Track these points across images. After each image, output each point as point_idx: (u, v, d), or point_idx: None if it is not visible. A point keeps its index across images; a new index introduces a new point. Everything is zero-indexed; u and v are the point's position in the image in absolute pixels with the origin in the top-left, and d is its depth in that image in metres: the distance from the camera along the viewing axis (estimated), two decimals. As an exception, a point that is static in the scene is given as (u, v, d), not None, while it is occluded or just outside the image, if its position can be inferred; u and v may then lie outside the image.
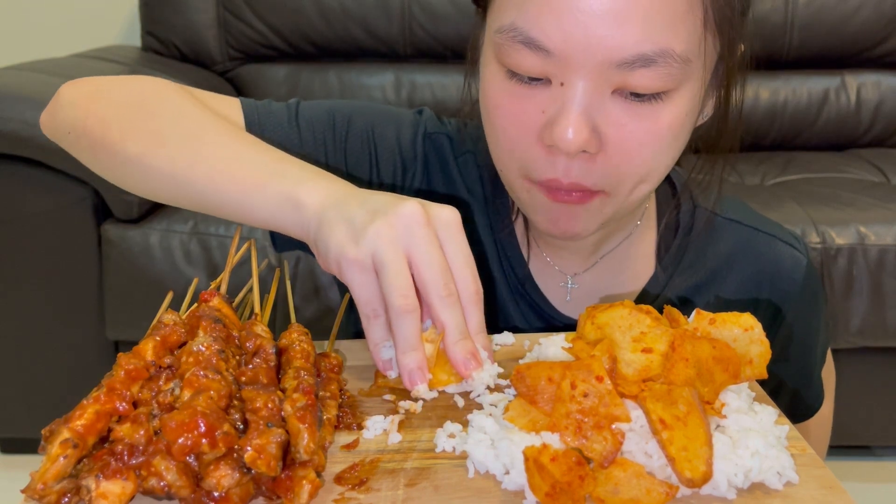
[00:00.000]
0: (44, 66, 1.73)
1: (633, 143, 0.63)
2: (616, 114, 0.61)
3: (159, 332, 0.54)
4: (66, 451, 0.44)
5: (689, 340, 0.52)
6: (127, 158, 0.66)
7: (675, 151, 0.67)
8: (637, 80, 0.60)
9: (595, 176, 0.64)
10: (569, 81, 0.61)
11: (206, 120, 0.67)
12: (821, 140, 2.14)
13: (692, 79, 0.63)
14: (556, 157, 0.63)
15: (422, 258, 0.54)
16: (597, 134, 0.62)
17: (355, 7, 2.06)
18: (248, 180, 0.61)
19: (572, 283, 0.81)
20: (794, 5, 2.05)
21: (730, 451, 0.48)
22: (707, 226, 0.81)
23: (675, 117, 0.63)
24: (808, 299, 0.83)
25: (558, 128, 0.61)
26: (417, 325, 0.55)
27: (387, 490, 0.48)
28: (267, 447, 0.45)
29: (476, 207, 0.81)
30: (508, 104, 0.64)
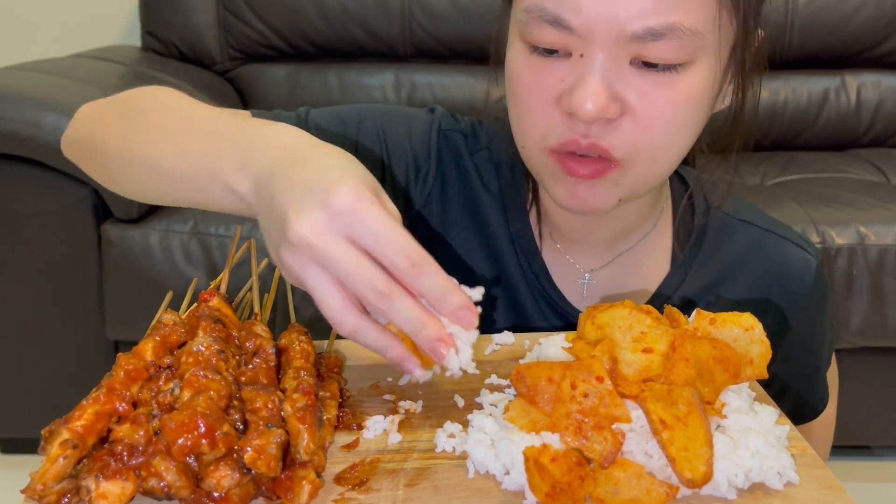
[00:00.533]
0: (44, 66, 1.73)
1: (653, 110, 0.64)
2: (635, 82, 0.64)
3: (159, 332, 0.53)
4: (65, 451, 0.44)
5: (689, 340, 0.52)
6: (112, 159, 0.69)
7: (691, 129, 0.68)
8: (651, 52, 0.62)
9: (613, 139, 0.65)
10: (588, 52, 0.63)
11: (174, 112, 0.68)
12: (821, 140, 2.13)
13: (707, 52, 0.65)
14: (576, 124, 0.65)
15: (339, 273, 0.49)
16: (616, 101, 0.64)
17: (355, 7, 2.06)
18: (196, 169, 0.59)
19: (589, 279, 0.81)
20: (794, 5, 2.05)
21: (730, 452, 0.48)
22: (721, 226, 0.82)
23: (693, 89, 0.65)
24: (816, 301, 0.84)
25: (577, 93, 0.63)
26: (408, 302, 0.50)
27: (387, 490, 0.48)
28: (267, 448, 0.45)
29: (491, 203, 0.82)
30: (530, 75, 0.67)
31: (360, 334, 0.50)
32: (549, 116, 0.66)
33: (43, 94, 1.54)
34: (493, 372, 0.62)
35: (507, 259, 0.81)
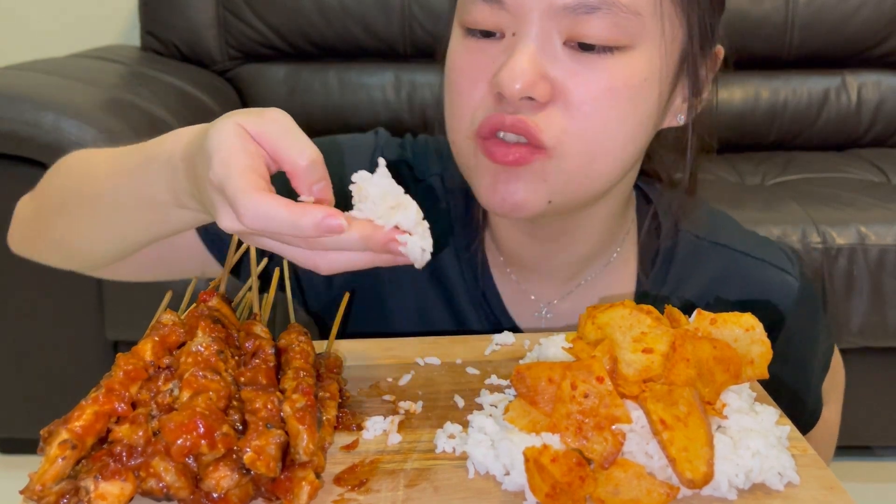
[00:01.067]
0: (44, 66, 1.73)
1: (587, 96, 0.60)
2: (568, 63, 0.60)
3: (158, 332, 0.53)
4: (64, 451, 0.44)
5: (689, 340, 0.51)
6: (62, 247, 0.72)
7: (630, 126, 0.63)
8: (585, 29, 0.59)
9: (541, 121, 0.61)
10: (520, 31, 0.61)
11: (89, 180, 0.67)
12: (821, 140, 2.13)
13: (648, 40, 0.61)
14: (504, 106, 0.61)
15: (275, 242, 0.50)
16: (546, 81, 0.60)
17: (355, 7, 2.06)
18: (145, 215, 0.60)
19: (547, 312, 0.77)
20: (794, 5, 2.05)
21: (731, 452, 0.48)
22: (691, 251, 0.77)
23: (631, 77, 0.61)
24: (800, 324, 0.79)
25: (504, 70, 0.59)
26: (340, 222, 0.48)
27: (386, 491, 0.48)
28: (266, 448, 0.45)
29: (440, 236, 0.74)
30: (463, 60, 0.64)
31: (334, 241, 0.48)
32: (480, 101, 0.63)
33: (42, 93, 1.54)
34: (493, 372, 0.62)
35: (458, 293, 0.77)
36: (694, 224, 0.78)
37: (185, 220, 0.59)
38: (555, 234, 0.73)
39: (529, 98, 0.60)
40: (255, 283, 0.62)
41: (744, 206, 1.65)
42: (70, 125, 1.46)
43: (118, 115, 1.57)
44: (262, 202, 0.47)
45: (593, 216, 0.72)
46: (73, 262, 0.76)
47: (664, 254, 0.77)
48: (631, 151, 0.65)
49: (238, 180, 0.48)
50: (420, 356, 0.64)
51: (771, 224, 1.58)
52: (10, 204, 0.74)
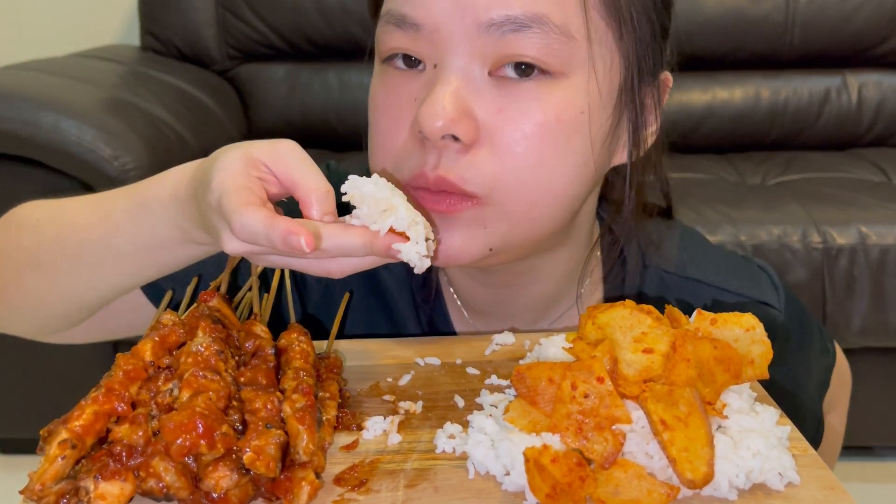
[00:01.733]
0: (43, 66, 1.73)
1: (515, 134, 0.55)
2: (494, 97, 0.55)
3: (158, 332, 0.53)
4: (64, 451, 0.44)
5: (690, 341, 0.51)
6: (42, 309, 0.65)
7: (568, 164, 0.57)
8: (513, 51, 0.54)
9: (468, 171, 0.55)
10: (441, 61, 0.55)
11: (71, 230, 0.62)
12: (822, 140, 2.13)
13: (582, 69, 0.56)
14: (428, 151, 0.56)
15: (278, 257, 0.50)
16: (471, 120, 0.55)
17: (355, 6, 2.06)
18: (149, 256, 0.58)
19: None
20: (795, 4, 2.05)
21: (731, 452, 0.48)
22: (661, 288, 0.72)
23: (564, 110, 0.55)
24: (789, 357, 0.74)
25: (425, 107, 0.54)
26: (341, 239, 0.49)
27: (386, 491, 0.48)
28: (266, 448, 0.45)
29: (397, 285, 0.73)
30: (383, 96, 0.59)
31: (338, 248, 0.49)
32: (402, 145, 0.58)
33: (42, 93, 1.54)
34: (493, 372, 0.62)
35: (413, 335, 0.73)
36: (662, 257, 0.73)
37: (193, 254, 0.58)
38: (507, 281, 0.69)
39: (454, 138, 0.55)
40: (256, 283, 0.62)
41: (744, 206, 1.65)
42: (70, 125, 1.46)
43: (118, 114, 1.57)
44: (248, 215, 0.47)
45: (548, 260, 0.68)
46: (34, 322, 0.68)
47: (632, 295, 0.72)
48: (575, 191, 0.60)
49: (231, 197, 0.48)
50: (420, 356, 0.64)
51: (771, 224, 1.58)
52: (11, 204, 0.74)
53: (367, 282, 0.74)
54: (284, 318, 0.68)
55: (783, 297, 0.75)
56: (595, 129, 0.58)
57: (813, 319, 0.81)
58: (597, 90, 0.57)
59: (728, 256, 0.79)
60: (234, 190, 0.48)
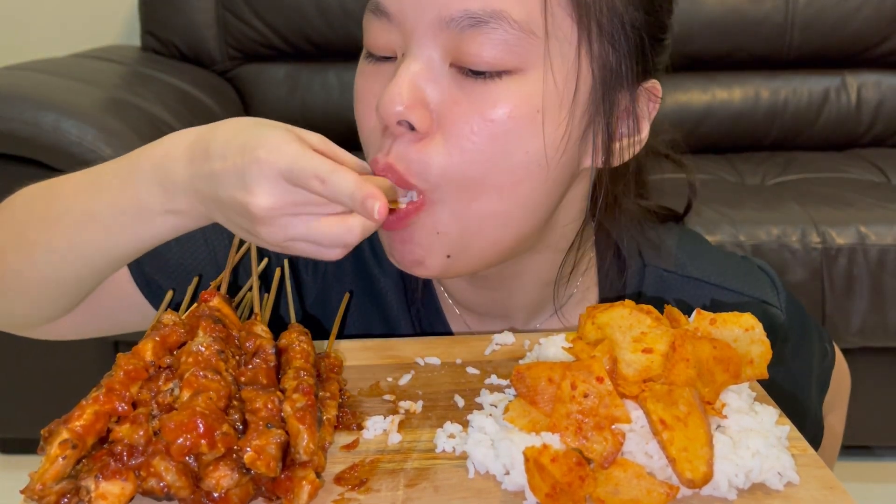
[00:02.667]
0: (43, 66, 1.73)
1: (466, 127, 0.55)
2: (450, 88, 0.55)
3: (159, 332, 0.53)
4: (65, 451, 0.44)
5: (689, 340, 0.51)
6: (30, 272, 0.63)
7: (523, 158, 0.56)
8: (471, 47, 0.54)
9: (415, 161, 0.56)
10: (407, 51, 0.57)
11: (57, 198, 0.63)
12: (821, 140, 2.13)
13: (539, 65, 0.56)
14: (385, 138, 0.57)
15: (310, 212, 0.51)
16: (426, 110, 0.55)
17: (355, 7, 2.06)
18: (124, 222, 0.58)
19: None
20: (794, 5, 2.05)
21: (730, 452, 0.48)
22: (660, 288, 0.72)
23: (518, 107, 0.55)
24: (791, 356, 0.74)
25: (384, 92, 0.55)
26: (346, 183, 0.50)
27: (387, 490, 0.48)
28: (266, 448, 0.45)
29: (391, 287, 0.73)
30: (362, 86, 0.61)
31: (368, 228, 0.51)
32: (369, 130, 0.59)
33: (42, 93, 1.54)
34: (493, 372, 0.62)
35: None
36: (662, 257, 0.72)
37: (169, 227, 0.57)
38: (495, 283, 0.69)
39: (410, 127, 0.55)
40: (256, 283, 0.62)
41: (744, 206, 1.65)
42: (70, 125, 1.46)
43: (118, 115, 1.57)
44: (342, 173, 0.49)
45: (534, 262, 0.67)
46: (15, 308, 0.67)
47: (631, 294, 0.71)
48: (527, 192, 0.58)
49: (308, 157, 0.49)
50: (420, 356, 0.64)
51: (771, 224, 1.58)
52: (10, 204, 0.74)
53: (361, 280, 0.74)
54: (284, 318, 0.69)
55: (783, 297, 0.75)
56: (551, 128, 0.57)
57: (812, 321, 0.81)
58: (554, 88, 0.56)
59: (728, 256, 0.79)
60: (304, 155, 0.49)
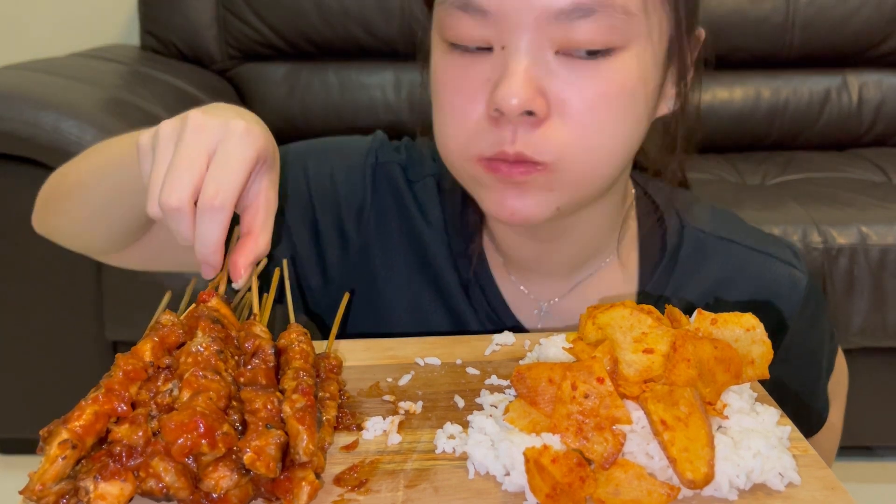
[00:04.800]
0: (44, 66, 1.73)
1: (584, 105, 0.60)
2: (562, 73, 0.59)
3: (157, 332, 0.53)
4: (64, 451, 0.44)
5: (690, 341, 0.51)
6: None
7: (629, 126, 0.63)
8: (579, 34, 0.58)
9: (542, 144, 0.60)
10: (509, 43, 0.59)
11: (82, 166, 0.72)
12: (822, 140, 2.13)
13: (639, 38, 0.61)
14: (503, 128, 0.60)
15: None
16: (543, 96, 0.59)
17: (355, 7, 2.06)
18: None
19: (546, 311, 0.77)
20: (795, 4, 2.05)
21: (731, 452, 0.48)
22: (697, 247, 0.76)
23: (626, 78, 0.60)
24: (807, 319, 0.79)
25: (501, 88, 0.58)
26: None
27: (386, 491, 0.48)
28: (266, 449, 0.45)
29: (433, 235, 0.77)
30: (452, 77, 0.63)
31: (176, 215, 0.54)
32: (476, 122, 0.62)
33: (42, 93, 1.54)
34: (493, 372, 0.62)
35: (453, 295, 0.77)
36: (697, 219, 0.78)
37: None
38: (554, 234, 0.73)
39: (528, 113, 0.59)
40: (255, 282, 0.62)
41: (744, 206, 1.65)
42: (70, 125, 1.46)
43: (118, 114, 1.57)
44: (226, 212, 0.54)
45: (589, 215, 0.71)
46: (76, 247, 0.79)
47: (670, 251, 0.76)
48: (630, 149, 0.65)
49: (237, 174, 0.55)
50: (420, 356, 0.64)
51: (771, 224, 1.58)
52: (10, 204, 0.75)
53: (406, 233, 0.78)
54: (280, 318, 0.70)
55: (804, 264, 0.79)
56: (649, 90, 0.64)
57: (824, 296, 0.84)
58: (652, 56, 0.63)
59: (753, 227, 0.83)
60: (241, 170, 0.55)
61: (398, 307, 0.78)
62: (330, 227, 0.77)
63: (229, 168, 0.54)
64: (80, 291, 1.62)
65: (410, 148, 0.81)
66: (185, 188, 0.53)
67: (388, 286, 0.78)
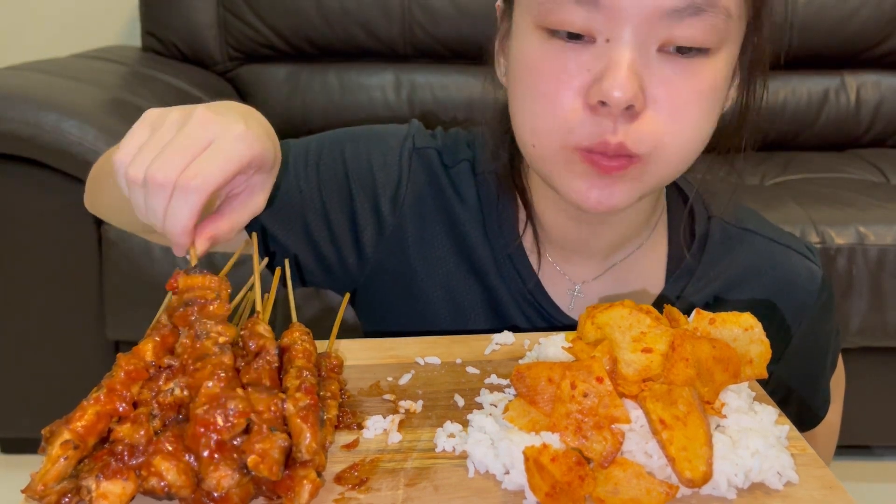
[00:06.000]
0: (44, 66, 1.73)
1: (679, 101, 0.62)
2: (663, 70, 0.61)
3: (158, 332, 0.53)
4: (66, 452, 0.44)
5: (688, 340, 0.52)
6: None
7: (711, 122, 0.66)
8: (683, 32, 0.60)
9: (640, 137, 0.62)
10: (615, 36, 0.60)
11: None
12: (821, 140, 2.13)
13: (732, 39, 0.63)
14: (602, 118, 0.61)
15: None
16: (643, 93, 0.61)
17: (355, 7, 2.06)
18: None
19: (579, 292, 0.79)
20: (793, 5, 2.05)
21: (730, 451, 0.48)
22: (723, 236, 0.80)
23: (716, 78, 0.63)
24: (821, 311, 0.82)
25: (607, 81, 0.59)
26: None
27: (387, 490, 0.48)
28: (270, 452, 0.45)
29: (470, 218, 0.79)
30: (549, 64, 0.63)
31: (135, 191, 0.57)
32: (573, 111, 0.62)
33: (43, 94, 1.54)
34: (493, 372, 0.62)
35: (489, 275, 0.78)
36: (722, 211, 0.81)
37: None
38: (602, 218, 0.74)
39: (628, 106, 0.60)
40: (258, 279, 0.62)
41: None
42: (71, 126, 1.47)
43: (119, 115, 1.57)
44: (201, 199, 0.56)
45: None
46: (120, 225, 0.83)
47: (699, 239, 0.79)
48: (707, 140, 0.67)
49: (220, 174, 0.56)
50: (420, 355, 0.64)
51: (770, 224, 1.58)
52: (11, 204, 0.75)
53: (440, 211, 0.80)
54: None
55: (819, 261, 0.82)
56: (728, 86, 0.67)
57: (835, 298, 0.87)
58: (736, 57, 0.65)
59: (772, 222, 0.86)
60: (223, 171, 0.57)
61: (432, 284, 0.80)
62: (367, 209, 0.79)
63: (217, 160, 0.56)
64: (82, 291, 1.62)
65: (445, 136, 0.83)
66: (174, 168, 0.55)
67: (423, 265, 0.79)
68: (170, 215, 0.56)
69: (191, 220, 0.56)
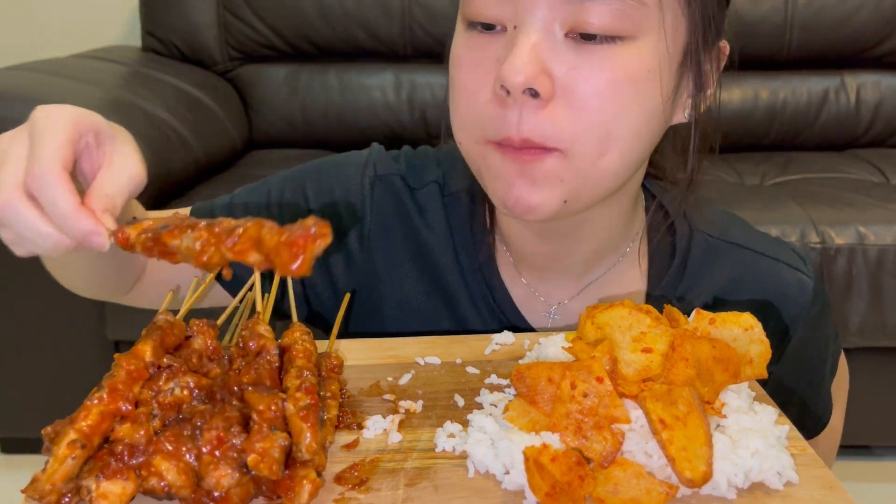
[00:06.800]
0: (44, 66, 1.73)
1: (590, 90, 0.60)
2: (569, 56, 0.59)
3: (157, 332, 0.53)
4: (73, 451, 0.44)
5: (689, 340, 0.52)
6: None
7: (637, 120, 0.62)
8: (590, 17, 0.58)
9: (548, 128, 0.60)
10: (521, 22, 0.59)
11: None
12: (820, 140, 2.14)
13: (650, 32, 0.61)
14: (509, 110, 0.60)
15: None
16: (547, 76, 0.59)
17: (355, 7, 2.06)
18: None
19: (556, 313, 0.77)
20: (793, 5, 2.05)
21: (730, 451, 0.48)
22: (706, 251, 0.77)
23: (634, 68, 0.60)
24: (814, 323, 0.79)
25: (506, 63, 0.58)
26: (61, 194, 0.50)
27: (387, 490, 0.48)
28: (270, 451, 0.45)
29: (439, 243, 0.77)
30: (466, 56, 0.63)
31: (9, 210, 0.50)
32: (485, 104, 0.61)
33: (44, 94, 1.54)
34: (493, 372, 0.62)
35: (461, 295, 0.77)
36: (705, 223, 0.78)
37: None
38: (565, 232, 0.73)
39: (533, 93, 0.59)
40: (258, 281, 0.62)
41: (743, 206, 1.65)
42: (70, 125, 1.46)
43: (119, 115, 1.56)
44: (60, 189, 0.48)
45: (603, 212, 0.71)
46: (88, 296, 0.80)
47: (679, 255, 0.76)
48: (640, 147, 0.64)
49: (51, 149, 0.49)
50: (420, 356, 0.64)
51: (770, 224, 1.58)
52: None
53: (407, 237, 0.77)
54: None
55: (810, 268, 0.80)
56: (659, 89, 0.63)
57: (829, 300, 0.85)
58: (665, 52, 0.62)
59: (760, 231, 0.84)
60: (57, 143, 0.50)
61: (404, 316, 0.79)
62: (334, 245, 0.77)
63: (43, 146, 0.50)
64: (81, 292, 1.62)
65: (410, 156, 0.81)
66: (6, 183, 0.50)
67: (393, 294, 0.78)
68: (52, 217, 0.49)
69: (69, 201, 0.49)
